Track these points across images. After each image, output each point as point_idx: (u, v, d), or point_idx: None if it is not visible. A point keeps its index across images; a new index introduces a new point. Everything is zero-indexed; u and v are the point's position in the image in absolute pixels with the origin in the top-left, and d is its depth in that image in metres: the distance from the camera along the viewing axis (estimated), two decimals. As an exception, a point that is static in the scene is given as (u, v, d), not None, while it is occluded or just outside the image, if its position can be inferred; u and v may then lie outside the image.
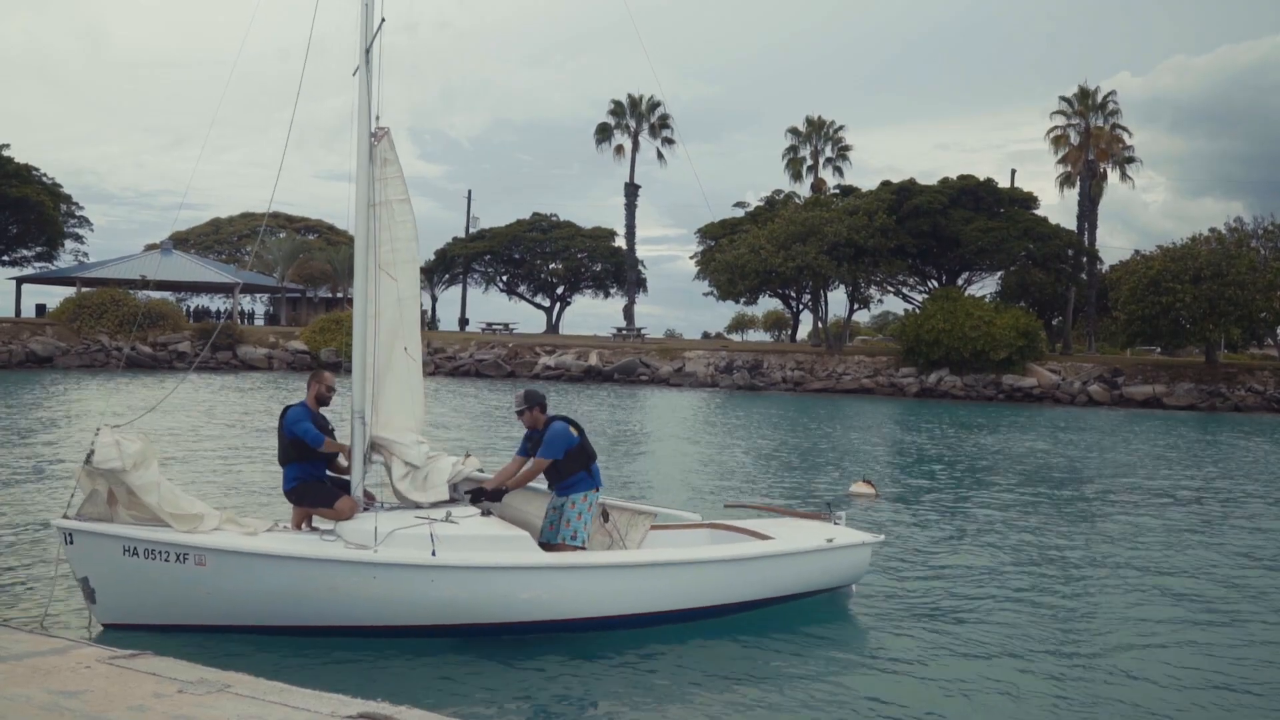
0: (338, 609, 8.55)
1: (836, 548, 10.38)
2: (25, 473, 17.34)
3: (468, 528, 8.82)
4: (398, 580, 8.54)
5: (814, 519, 11.44)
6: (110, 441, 8.27)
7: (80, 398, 34.27)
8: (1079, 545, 14.12)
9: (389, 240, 9.50)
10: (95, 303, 55.37)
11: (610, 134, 73.57)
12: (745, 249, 60.34)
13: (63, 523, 8.47)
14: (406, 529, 8.62)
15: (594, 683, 8.15)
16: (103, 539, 8.40)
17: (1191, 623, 10.28)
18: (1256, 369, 53.02)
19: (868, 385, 54.37)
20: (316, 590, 8.48)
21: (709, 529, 10.94)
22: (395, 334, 9.59)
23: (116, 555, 8.39)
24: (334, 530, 8.86)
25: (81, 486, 8.50)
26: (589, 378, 57.43)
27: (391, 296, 9.57)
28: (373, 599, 8.54)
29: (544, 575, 8.95)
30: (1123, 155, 65.35)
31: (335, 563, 8.47)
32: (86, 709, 5.26)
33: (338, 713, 5.33)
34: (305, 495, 9.32)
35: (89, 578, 8.45)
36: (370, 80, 9.31)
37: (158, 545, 8.37)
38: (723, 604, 9.76)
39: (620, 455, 23.31)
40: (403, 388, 9.63)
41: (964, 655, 8.97)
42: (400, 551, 8.51)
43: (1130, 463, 24.92)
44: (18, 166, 61.85)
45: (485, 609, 8.77)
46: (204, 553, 8.39)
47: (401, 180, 9.56)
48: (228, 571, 8.42)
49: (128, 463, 8.25)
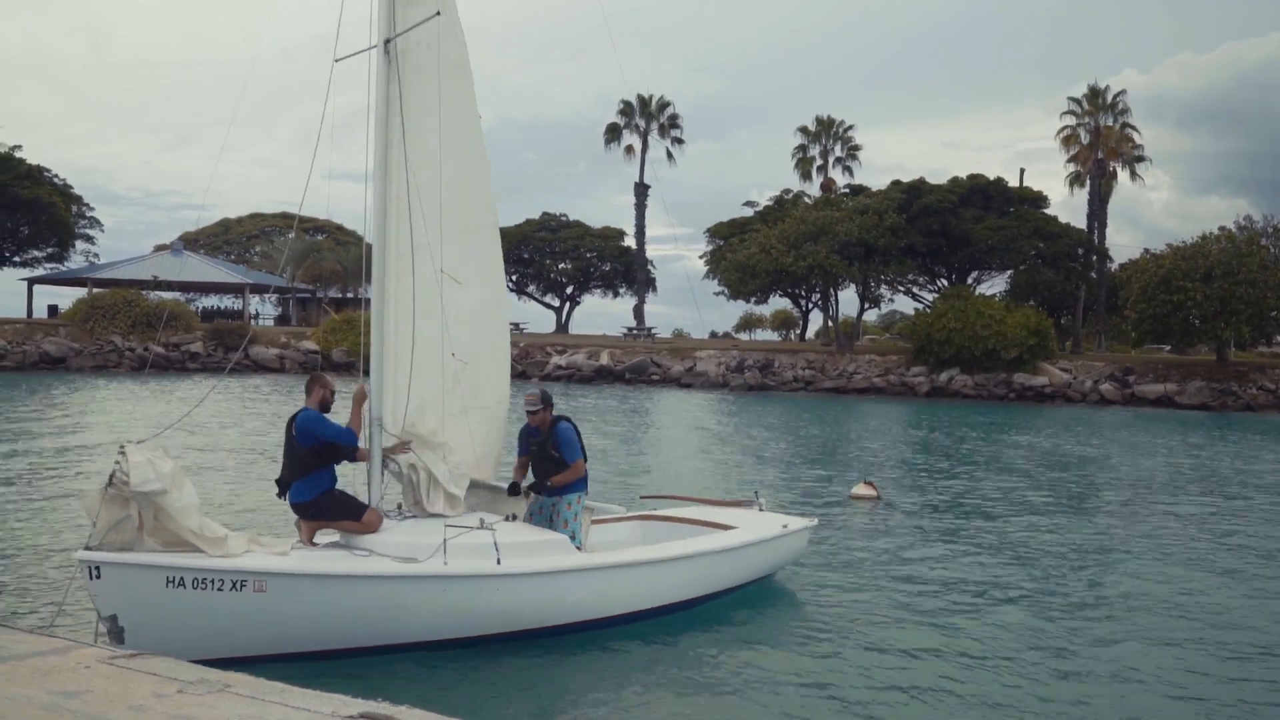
0: (404, 626, 8.20)
1: (791, 533, 10.92)
2: (27, 472, 17.40)
3: (511, 534, 8.70)
4: (466, 591, 8.28)
5: (737, 506, 11.82)
6: (143, 461, 7.43)
7: (94, 401, 34.38)
8: (1082, 547, 14.04)
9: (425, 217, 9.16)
10: (108, 303, 55.55)
11: (620, 134, 73.57)
12: (756, 248, 60.32)
13: (87, 555, 7.41)
14: (460, 539, 8.30)
15: (594, 681, 8.14)
16: (140, 570, 7.46)
17: (1198, 622, 10.24)
18: (1268, 367, 52.70)
19: (879, 384, 54.21)
20: (383, 609, 8.06)
21: (639, 520, 11.29)
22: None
23: (158, 588, 7.47)
24: (354, 543, 8.41)
25: (105, 512, 7.49)
26: (600, 377, 57.41)
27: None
28: (439, 613, 8.24)
29: (596, 575, 9.05)
30: (1132, 154, 65.12)
31: (406, 579, 8.06)
32: (87, 709, 5.26)
33: (338, 713, 5.32)
34: (329, 508, 8.58)
35: (118, 615, 7.43)
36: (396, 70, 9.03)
37: (210, 573, 7.55)
38: (717, 591, 10.16)
39: (633, 455, 23.29)
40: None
41: (955, 654, 8.94)
42: (468, 562, 8.25)
43: (1151, 465, 24.81)
44: (30, 168, 62.14)
45: (543, 613, 8.74)
46: (264, 577, 7.68)
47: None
48: (290, 596, 7.78)
49: (166, 483, 7.47)
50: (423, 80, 9.29)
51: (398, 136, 9.04)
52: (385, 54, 9.07)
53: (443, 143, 9.36)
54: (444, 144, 9.34)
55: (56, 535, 12.44)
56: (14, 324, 56.05)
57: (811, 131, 72.99)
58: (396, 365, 9.12)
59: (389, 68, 9.05)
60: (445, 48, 9.40)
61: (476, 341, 9.76)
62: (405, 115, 9.08)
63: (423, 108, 9.28)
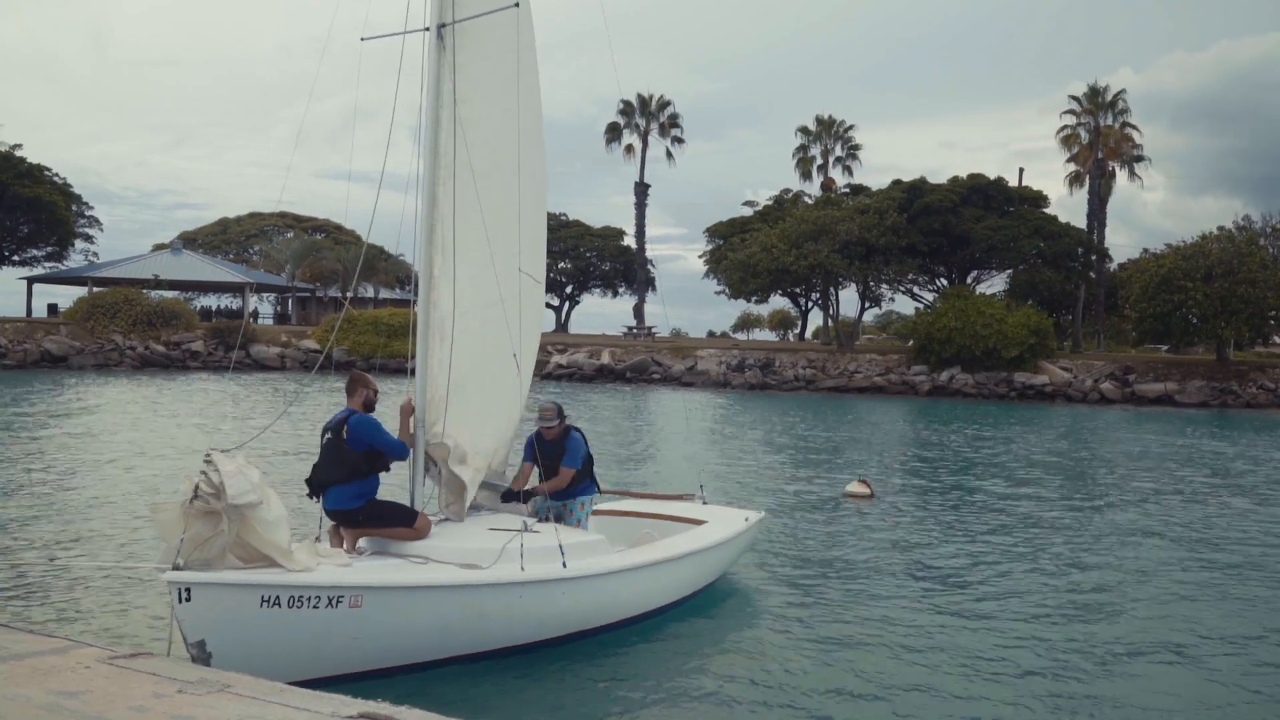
0: (483, 635, 8.07)
1: (752, 525, 11.16)
2: (28, 474, 17.39)
3: (559, 537, 8.56)
4: (539, 596, 8.22)
5: (679, 500, 11.95)
6: (235, 470, 6.80)
7: (96, 397, 34.38)
8: (1076, 547, 14.03)
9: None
10: (109, 302, 55.59)
11: (620, 133, 73.52)
12: (757, 248, 60.31)
13: (177, 577, 6.69)
14: (529, 543, 8.18)
15: (594, 679, 8.11)
16: (235, 590, 6.87)
17: (1198, 621, 10.22)
18: (1268, 366, 52.72)
19: (880, 383, 54.21)
20: (466, 618, 7.90)
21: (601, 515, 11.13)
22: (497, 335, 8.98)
23: (253, 608, 6.90)
24: (404, 551, 8.14)
25: (190, 528, 6.77)
26: (601, 376, 57.40)
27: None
28: (514, 619, 8.15)
29: (645, 573, 9.17)
30: (1131, 154, 65.08)
31: (490, 587, 7.93)
32: (86, 709, 5.24)
33: (338, 713, 5.30)
34: (380, 514, 8.23)
35: (206, 640, 6.78)
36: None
37: (306, 590, 7.08)
38: (707, 585, 10.41)
39: (633, 454, 23.28)
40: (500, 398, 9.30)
41: (935, 651, 8.93)
42: (541, 567, 8.15)
43: (1152, 462, 24.79)
44: (30, 166, 62.12)
45: (599, 613, 8.78)
46: (360, 592, 7.29)
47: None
48: (383, 611, 7.44)
49: (261, 494, 6.89)
50: (488, 70, 8.89)
51: (449, 129, 8.62)
52: (439, 39, 8.62)
53: (521, 138, 9.09)
54: (517, 140, 9.02)
55: (57, 535, 12.44)
56: (14, 323, 56.04)
57: (812, 131, 73.03)
58: (460, 371, 8.82)
59: (442, 55, 8.63)
60: (516, 37, 9.03)
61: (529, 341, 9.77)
62: (472, 105, 8.72)
63: (486, 98, 8.90)
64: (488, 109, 8.95)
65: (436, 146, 8.70)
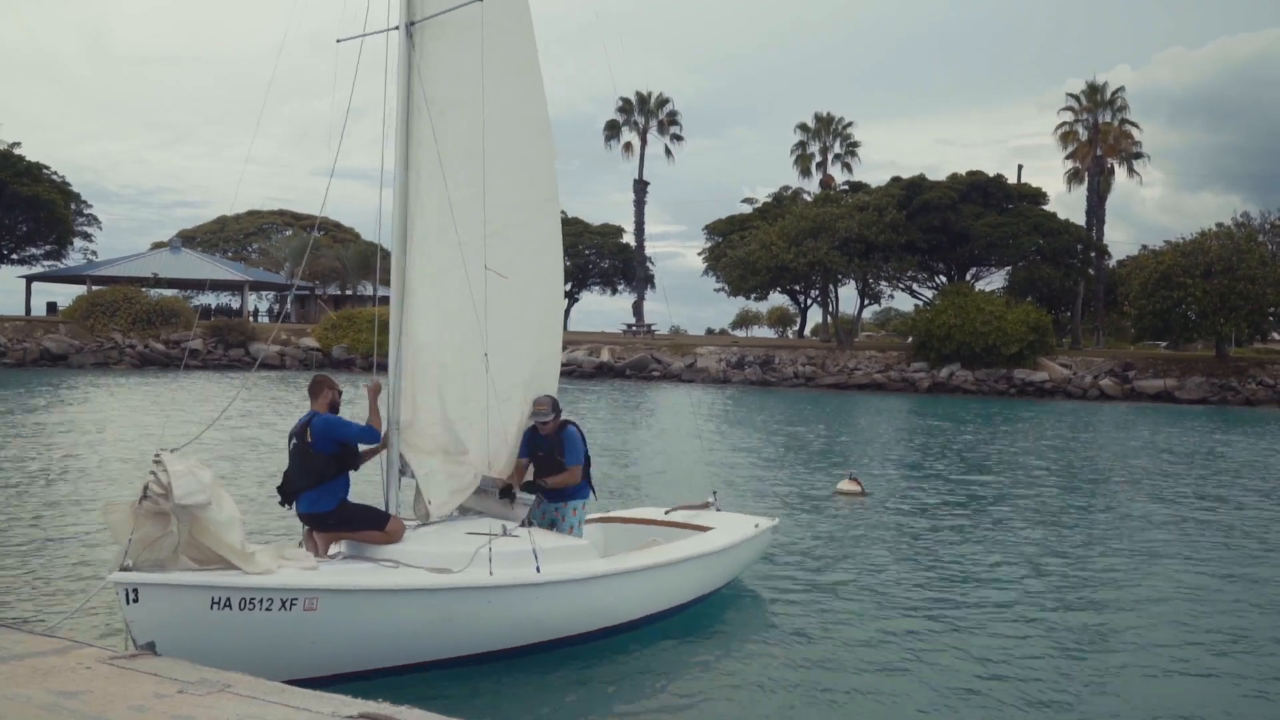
0: (450, 640, 7.81)
1: (762, 532, 10.93)
2: (29, 472, 17.39)
3: (536, 540, 8.29)
4: (509, 602, 7.96)
5: (694, 508, 11.54)
6: (185, 471, 6.70)
7: (97, 397, 34.35)
8: (1078, 542, 14.03)
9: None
10: (108, 300, 55.62)
11: (619, 131, 73.51)
12: (756, 245, 60.33)
13: (123, 577, 6.55)
14: (500, 548, 7.92)
15: (594, 678, 8.11)
16: (183, 592, 6.70)
17: (1198, 620, 10.22)
18: (1267, 363, 52.75)
19: (879, 380, 54.24)
20: (429, 623, 7.63)
21: (600, 523, 10.87)
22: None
23: (202, 610, 6.73)
24: (375, 554, 7.95)
25: (139, 529, 6.67)
26: (601, 374, 57.42)
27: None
28: (483, 624, 7.89)
29: (629, 579, 8.90)
30: (1130, 150, 65.09)
31: (459, 590, 7.68)
32: (86, 709, 5.24)
33: (338, 713, 5.29)
34: (352, 517, 8.06)
35: (155, 642, 6.56)
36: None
37: (258, 592, 6.88)
38: (714, 589, 10.22)
39: (637, 456, 23.27)
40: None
41: (926, 651, 8.92)
42: (511, 572, 7.89)
43: (1153, 459, 24.79)
44: (29, 165, 62.04)
45: (579, 620, 8.53)
46: (316, 595, 7.07)
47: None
48: (340, 614, 7.22)
49: (209, 495, 6.77)
50: (463, 69, 8.76)
51: (423, 130, 8.57)
52: (408, 38, 8.54)
53: (521, 135, 9.07)
54: (489, 138, 8.84)
55: (56, 534, 12.43)
56: (13, 321, 56.05)
57: (811, 128, 73.10)
58: (438, 371, 8.76)
59: (410, 54, 8.53)
60: (494, 36, 8.85)
61: (541, 334, 9.72)
62: (451, 101, 8.67)
63: (456, 100, 8.78)
64: (472, 106, 8.81)
65: (406, 144, 8.64)
